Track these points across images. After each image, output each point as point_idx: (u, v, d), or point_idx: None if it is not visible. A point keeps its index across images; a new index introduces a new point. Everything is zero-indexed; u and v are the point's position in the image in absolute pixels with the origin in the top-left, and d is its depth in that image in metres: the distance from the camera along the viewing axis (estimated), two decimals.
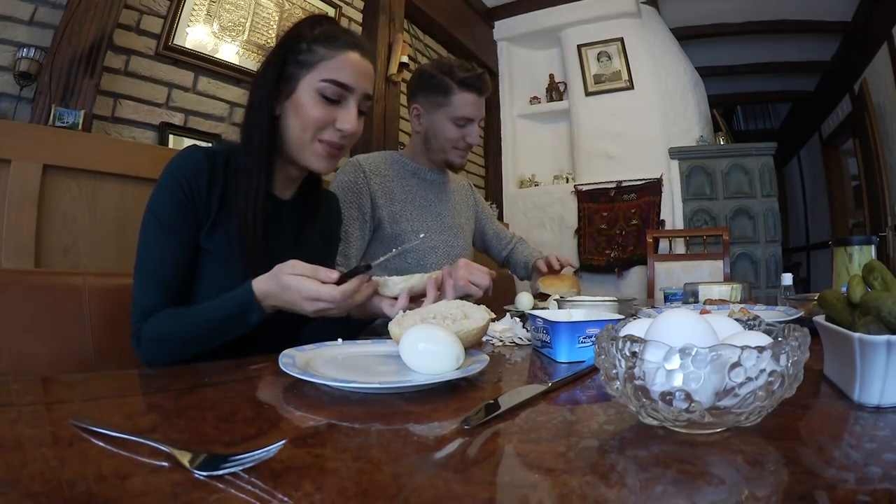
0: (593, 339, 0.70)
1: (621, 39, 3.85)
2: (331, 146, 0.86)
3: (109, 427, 0.38)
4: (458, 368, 0.54)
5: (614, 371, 0.39)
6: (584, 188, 3.85)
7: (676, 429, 0.38)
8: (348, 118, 0.85)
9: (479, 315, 0.68)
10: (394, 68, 2.93)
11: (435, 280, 0.84)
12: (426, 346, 0.55)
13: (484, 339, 0.86)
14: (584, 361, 0.69)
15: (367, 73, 0.88)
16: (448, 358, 0.54)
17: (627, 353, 0.38)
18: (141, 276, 0.79)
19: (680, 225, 3.63)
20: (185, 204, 0.79)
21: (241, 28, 2.24)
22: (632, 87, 3.81)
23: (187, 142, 1.96)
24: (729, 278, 2.41)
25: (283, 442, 0.34)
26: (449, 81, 1.38)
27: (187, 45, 2.01)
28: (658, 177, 3.64)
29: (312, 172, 0.94)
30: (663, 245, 3.19)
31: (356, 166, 1.37)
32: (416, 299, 0.84)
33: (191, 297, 0.84)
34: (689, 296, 1.37)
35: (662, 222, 3.62)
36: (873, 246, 0.96)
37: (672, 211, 3.65)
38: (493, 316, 0.72)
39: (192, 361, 0.83)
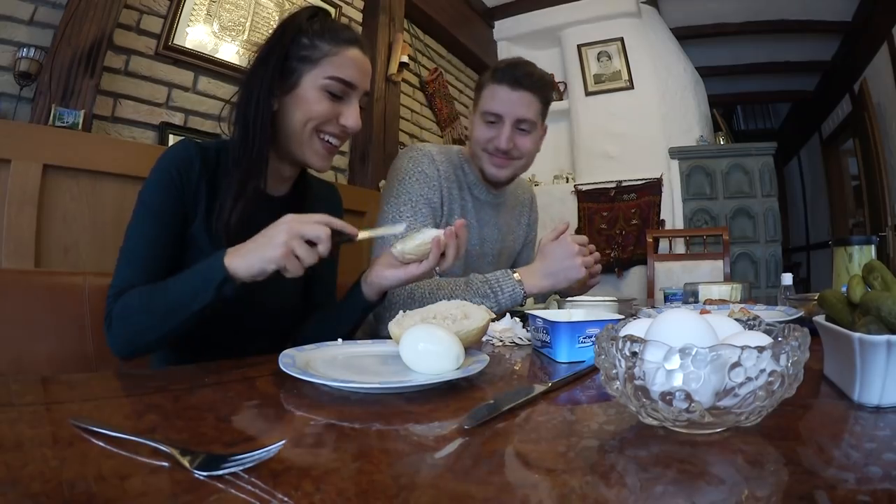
0: (593, 339, 0.70)
1: (621, 39, 3.85)
2: (331, 143, 0.87)
3: (110, 427, 0.38)
4: (458, 368, 0.54)
5: (614, 371, 0.39)
6: (584, 188, 3.85)
7: (676, 429, 0.38)
8: (352, 115, 0.85)
9: (479, 315, 0.68)
10: (394, 68, 2.93)
11: (438, 242, 0.80)
12: (426, 346, 0.55)
13: (484, 339, 0.86)
14: (584, 361, 0.69)
15: (368, 70, 0.88)
16: (448, 358, 0.54)
17: (627, 353, 0.38)
18: (122, 258, 0.78)
19: (680, 225, 3.63)
20: (173, 194, 0.79)
21: (241, 28, 2.24)
22: (632, 87, 3.81)
23: None
24: (729, 278, 2.41)
25: (283, 442, 0.34)
26: (485, 75, 1.23)
27: (187, 45, 2.01)
28: (658, 177, 3.64)
29: (305, 169, 0.95)
30: (663, 245, 3.19)
31: (431, 160, 1.20)
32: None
33: None
34: (689, 296, 1.37)
35: (662, 222, 3.63)
36: (873, 246, 0.96)
37: (672, 211, 3.65)
38: (493, 316, 0.72)
39: (179, 362, 0.82)
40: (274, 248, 0.68)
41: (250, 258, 0.69)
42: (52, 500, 0.28)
